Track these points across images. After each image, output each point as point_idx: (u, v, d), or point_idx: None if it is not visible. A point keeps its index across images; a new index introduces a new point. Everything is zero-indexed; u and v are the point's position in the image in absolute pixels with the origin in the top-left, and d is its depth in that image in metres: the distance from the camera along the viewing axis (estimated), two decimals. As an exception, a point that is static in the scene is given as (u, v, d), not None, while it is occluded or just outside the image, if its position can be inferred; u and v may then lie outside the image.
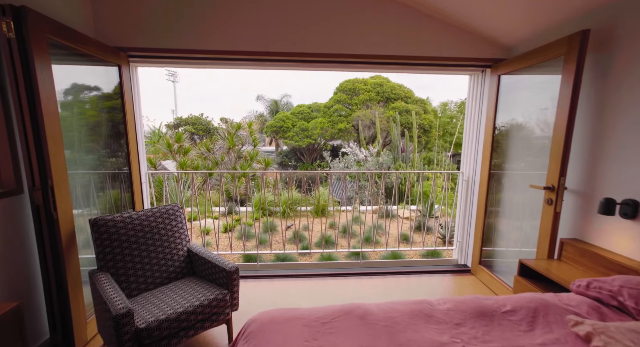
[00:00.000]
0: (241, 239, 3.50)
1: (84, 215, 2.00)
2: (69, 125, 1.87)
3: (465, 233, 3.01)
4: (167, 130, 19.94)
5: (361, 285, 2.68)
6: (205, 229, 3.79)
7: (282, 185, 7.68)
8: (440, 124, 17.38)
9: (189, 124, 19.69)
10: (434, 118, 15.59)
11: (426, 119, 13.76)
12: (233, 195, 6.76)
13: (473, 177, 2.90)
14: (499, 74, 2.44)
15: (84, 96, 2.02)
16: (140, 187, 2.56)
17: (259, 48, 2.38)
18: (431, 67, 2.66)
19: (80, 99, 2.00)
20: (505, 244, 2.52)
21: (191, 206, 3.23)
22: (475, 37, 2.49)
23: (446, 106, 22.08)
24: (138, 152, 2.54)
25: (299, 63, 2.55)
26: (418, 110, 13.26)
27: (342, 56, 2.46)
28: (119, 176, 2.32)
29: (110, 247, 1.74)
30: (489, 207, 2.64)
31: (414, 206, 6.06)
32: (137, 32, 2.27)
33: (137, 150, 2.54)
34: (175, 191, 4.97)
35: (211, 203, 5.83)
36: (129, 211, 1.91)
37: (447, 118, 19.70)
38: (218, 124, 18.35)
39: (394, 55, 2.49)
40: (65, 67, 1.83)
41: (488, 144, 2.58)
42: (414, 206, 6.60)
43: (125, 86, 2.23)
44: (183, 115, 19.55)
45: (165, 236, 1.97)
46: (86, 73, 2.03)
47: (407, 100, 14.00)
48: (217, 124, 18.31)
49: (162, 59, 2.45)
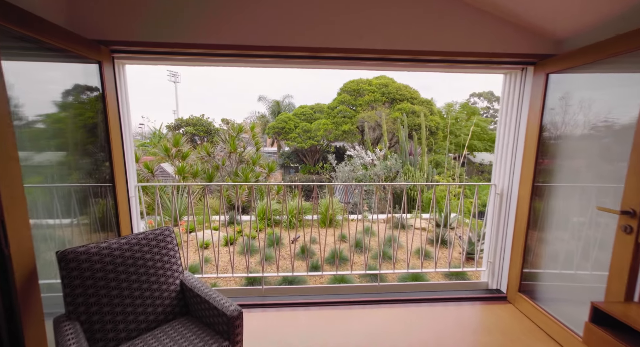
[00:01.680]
0: (243, 254, 3.15)
1: (53, 242, 1.65)
2: (34, 133, 1.52)
3: (498, 253, 2.65)
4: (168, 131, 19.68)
5: (381, 316, 2.32)
6: (204, 243, 3.45)
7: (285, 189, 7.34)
8: (446, 125, 17.02)
9: (189, 125, 19.41)
10: (440, 119, 15.23)
11: (433, 120, 13.39)
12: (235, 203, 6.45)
13: (508, 190, 2.54)
14: (546, 72, 2.08)
15: (57, 98, 1.67)
16: (127, 202, 2.21)
17: (266, 42, 2.03)
18: (459, 64, 2.31)
19: (53, 101, 1.65)
20: (558, 272, 2.14)
21: (187, 218, 2.88)
22: (515, 28, 2.13)
23: (451, 107, 21.75)
24: (125, 163, 2.20)
25: (308, 60, 2.20)
26: (425, 111, 12.88)
27: (355, 51, 2.10)
28: (100, 191, 1.97)
29: (82, 287, 1.39)
30: (533, 226, 2.27)
31: (426, 214, 5.71)
32: (123, 24, 1.93)
33: (125, 160, 2.19)
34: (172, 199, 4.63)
35: (210, 212, 5.47)
36: (107, 240, 1.56)
37: (453, 119, 19.34)
38: (219, 125, 18.06)
39: (414, 50, 2.13)
40: (28, 64, 1.49)
41: (531, 153, 2.23)
42: (426, 214, 6.25)
43: (108, 86, 1.89)
44: (184, 116, 19.28)
45: (153, 268, 1.62)
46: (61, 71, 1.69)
47: (413, 101, 13.63)
48: (218, 125, 18.03)
49: (154, 55, 2.11)
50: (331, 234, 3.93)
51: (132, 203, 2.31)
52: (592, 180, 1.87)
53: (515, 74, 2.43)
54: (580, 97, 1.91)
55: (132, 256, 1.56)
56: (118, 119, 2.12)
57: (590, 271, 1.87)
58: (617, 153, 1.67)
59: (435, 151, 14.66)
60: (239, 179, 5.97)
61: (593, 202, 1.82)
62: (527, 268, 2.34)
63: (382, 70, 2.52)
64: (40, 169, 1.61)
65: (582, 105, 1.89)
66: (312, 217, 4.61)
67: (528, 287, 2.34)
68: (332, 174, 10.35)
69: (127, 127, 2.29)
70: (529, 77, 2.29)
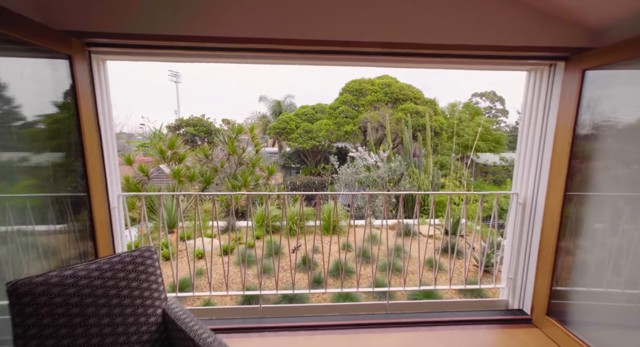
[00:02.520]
0: (241, 264, 2.92)
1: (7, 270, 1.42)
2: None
3: (521, 269, 2.40)
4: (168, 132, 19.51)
5: (390, 342, 2.08)
6: (197, 254, 3.22)
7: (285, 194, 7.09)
8: (449, 126, 16.73)
9: (190, 126, 19.23)
10: (444, 119, 14.95)
11: (437, 121, 13.12)
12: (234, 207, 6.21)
13: (533, 199, 2.28)
14: (582, 69, 1.82)
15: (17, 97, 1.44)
16: (108, 215, 1.97)
17: (267, 34, 1.80)
18: (475, 60, 2.05)
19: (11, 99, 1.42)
20: (601, 291, 1.88)
21: (177, 231, 2.64)
22: (542, 17, 1.87)
23: (455, 107, 21.46)
24: (105, 170, 1.96)
25: (312, 55, 1.96)
26: (429, 111, 12.62)
27: (361, 45, 1.85)
28: (71, 203, 1.72)
29: (37, 327, 1.15)
30: (565, 240, 2.02)
31: (431, 219, 5.42)
32: (104, 13, 1.69)
33: (104, 167, 1.96)
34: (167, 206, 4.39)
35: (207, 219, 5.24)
36: (74, 265, 1.32)
37: (456, 120, 19.05)
38: (220, 125, 17.86)
39: (423, 43, 1.88)
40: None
41: (561, 160, 1.97)
42: (434, 220, 5.99)
43: (81, 84, 1.65)
44: (185, 117, 19.12)
45: (129, 297, 1.38)
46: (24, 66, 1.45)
47: (416, 101, 13.37)
48: (219, 126, 17.84)
49: (140, 50, 1.87)
50: (334, 242, 3.69)
51: (114, 215, 2.07)
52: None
53: (542, 70, 2.17)
54: (627, 95, 1.65)
55: (103, 284, 1.32)
56: (95, 121, 1.88)
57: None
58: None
59: (439, 152, 14.39)
60: (237, 183, 5.73)
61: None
62: (557, 286, 2.08)
63: (385, 67, 2.31)
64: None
65: (629, 104, 1.63)
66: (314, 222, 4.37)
67: (558, 308, 2.08)
68: (334, 176, 10.10)
69: (108, 130, 2.05)
70: (559, 74, 2.04)
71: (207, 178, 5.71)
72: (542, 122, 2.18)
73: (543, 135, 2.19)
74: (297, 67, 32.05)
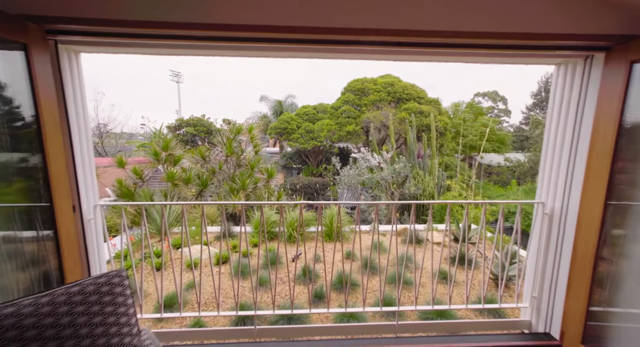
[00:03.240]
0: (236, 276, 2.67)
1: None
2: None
3: (547, 287, 2.14)
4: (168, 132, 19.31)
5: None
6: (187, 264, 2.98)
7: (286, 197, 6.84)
8: (453, 126, 16.44)
9: (190, 126, 19.03)
10: (448, 119, 14.67)
11: (441, 121, 12.84)
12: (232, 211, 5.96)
13: (562, 209, 2.02)
14: (630, 60, 1.56)
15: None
16: (79, 228, 1.73)
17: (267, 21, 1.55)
18: (497, 50, 1.78)
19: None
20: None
21: (163, 246, 2.40)
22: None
23: (458, 107, 21.15)
24: (77, 176, 1.72)
25: (321, 46, 1.71)
26: (433, 111, 12.34)
27: (375, 33, 1.60)
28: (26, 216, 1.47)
29: (-36, 383, 0.90)
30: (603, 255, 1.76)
31: (446, 230, 5.10)
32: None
33: (75, 173, 1.72)
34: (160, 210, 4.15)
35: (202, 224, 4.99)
36: (17, 300, 1.07)
37: (459, 119, 18.74)
38: (221, 125, 17.64)
39: (449, 31, 1.63)
40: None
41: (602, 164, 1.71)
42: (440, 225, 5.72)
43: (41, 78, 1.40)
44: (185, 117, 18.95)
45: (90, 337, 1.13)
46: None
47: (420, 100, 13.09)
48: (219, 126, 17.62)
49: (122, 39, 1.63)
50: (337, 250, 3.45)
51: (89, 228, 1.83)
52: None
53: (574, 64, 1.91)
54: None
55: (56, 323, 1.08)
56: (65, 121, 1.64)
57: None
58: None
59: (442, 153, 14.11)
60: (235, 186, 5.48)
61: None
62: (595, 307, 1.82)
63: (398, 61, 2.06)
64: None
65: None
66: (316, 228, 4.12)
67: (596, 333, 1.82)
68: (336, 177, 9.85)
69: (83, 131, 1.81)
70: (597, 67, 1.77)
71: (204, 181, 5.47)
72: (575, 123, 1.92)
73: (575, 137, 1.93)
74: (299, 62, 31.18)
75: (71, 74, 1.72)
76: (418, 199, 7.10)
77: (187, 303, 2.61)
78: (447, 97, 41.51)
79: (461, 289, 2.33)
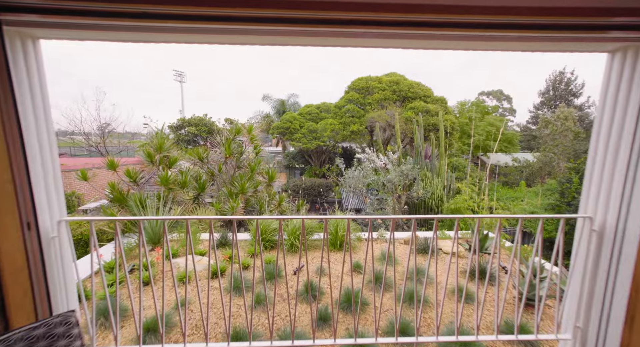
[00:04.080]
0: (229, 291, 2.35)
1: None
2: None
3: (596, 316, 1.80)
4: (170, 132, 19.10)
5: None
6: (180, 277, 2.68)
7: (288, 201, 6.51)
8: (460, 125, 16.02)
9: (192, 125, 18.82)
10: (455, 119, 14.28)
11: (448, 120, 12.46)
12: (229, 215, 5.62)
13: (618, 225, 1.68)
14: None
15: None
16: (37, 249, 1.43)
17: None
18: (536, 31, 1.45)
19: None
20: None
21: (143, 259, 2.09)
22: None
23: (464, 106, 20.73)
24: (31, 187, 1.42)
25: (328, 28, 1.39)
26: (441, 110, 11.98)
27: (381, 9, 1.28)
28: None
29: None
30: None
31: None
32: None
33: (29, 182, 1.42)
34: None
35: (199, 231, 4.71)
36: None
37: (465, 119, 18.30)
38: (223, 125, 17.39)
39: (476, 6, 1.31)
40: None
41: (678, 177, 1.37)
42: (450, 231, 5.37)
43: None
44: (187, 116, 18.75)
45: None
46: None
47: (426, 99, 12.72)
48: (222, 125, 17.36)
49: (88, 19, 1.34)
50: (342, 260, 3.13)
51: (52, 247, 1.53)
52: None
53: (636, 50, 1.57)
54: None
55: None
56: (15, 121, 1.34)
57: None
58: None
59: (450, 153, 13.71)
60: (234, 189, 5.17)
61: None
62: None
63: (413, 48, 1.74)
64: None
65: None
66: (322, 241, 3.82)
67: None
68: (340, 179, 9.52)
69: (43, 132, 1.52)
70: (671, 54, 1.44)
71: (201, 184, 5.17)
72: (637, 124, 1.58)
73: (637, 141, 1.59)
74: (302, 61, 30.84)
75: (24, 63, 1.42)
76: (427, 202, 6.75)
77: (175, 326, 2.31)
78: (452, 97, 40.96)
79: (506, 336, 1.99)
